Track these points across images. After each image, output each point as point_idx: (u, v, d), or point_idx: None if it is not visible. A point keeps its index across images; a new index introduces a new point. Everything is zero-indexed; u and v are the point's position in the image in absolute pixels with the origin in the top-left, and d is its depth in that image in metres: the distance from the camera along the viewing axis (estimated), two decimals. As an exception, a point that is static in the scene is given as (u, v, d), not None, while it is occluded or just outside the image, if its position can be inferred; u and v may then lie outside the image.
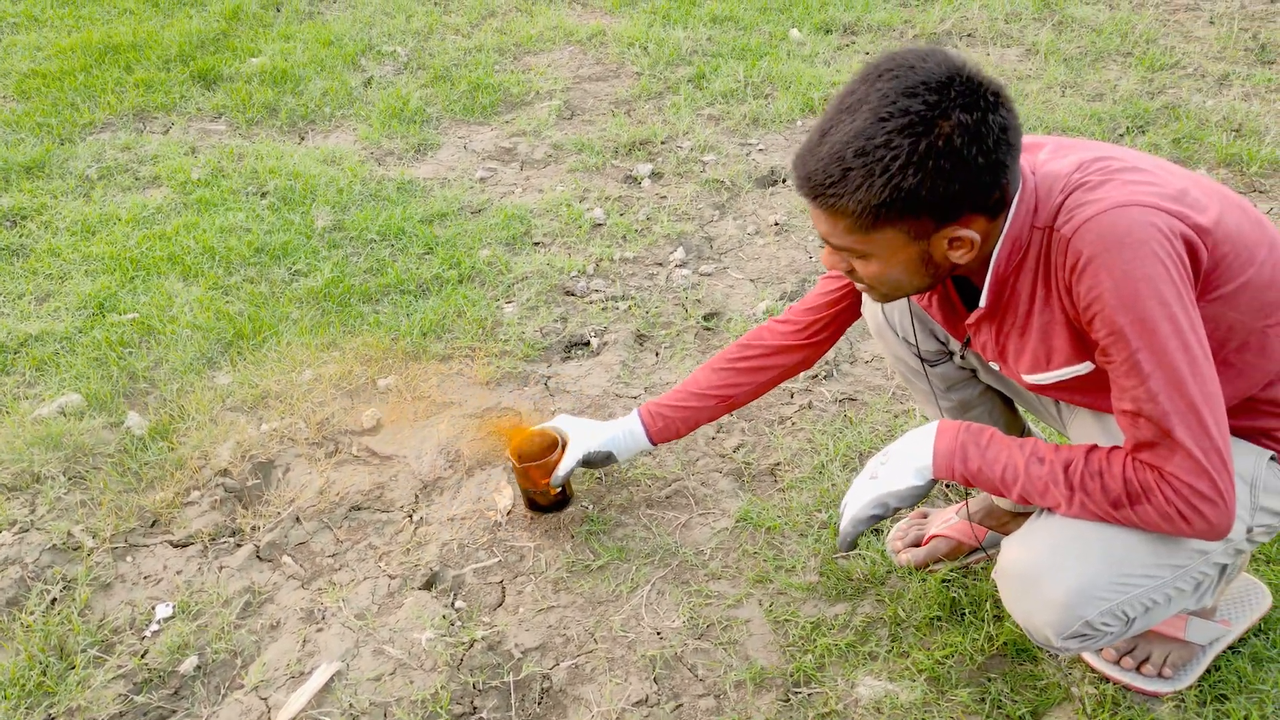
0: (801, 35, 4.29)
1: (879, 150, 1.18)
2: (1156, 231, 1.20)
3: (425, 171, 3.41)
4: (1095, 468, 1.33)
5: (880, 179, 1.18)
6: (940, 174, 1.18)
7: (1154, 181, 1.26)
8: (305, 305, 2.71)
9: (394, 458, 2.25)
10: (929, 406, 1.86)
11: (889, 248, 1.28)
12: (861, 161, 1.19)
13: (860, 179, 1.19)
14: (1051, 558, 1.36)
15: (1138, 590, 1.37)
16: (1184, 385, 1.23)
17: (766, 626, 1.84)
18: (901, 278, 1.33)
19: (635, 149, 3.50)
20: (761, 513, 2.06)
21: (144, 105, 3.84)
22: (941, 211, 1.22)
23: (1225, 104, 3.54)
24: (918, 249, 1.28)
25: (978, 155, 1.18)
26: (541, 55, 4.24)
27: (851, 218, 1.24)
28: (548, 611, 1.88)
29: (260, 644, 1.84)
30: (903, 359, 1.78)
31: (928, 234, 1.25)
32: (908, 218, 1.22)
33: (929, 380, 1.78)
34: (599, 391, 2.41)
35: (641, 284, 2.80)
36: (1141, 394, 1.24)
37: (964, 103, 1.17)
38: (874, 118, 1.18)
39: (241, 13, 4.64)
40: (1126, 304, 1.21)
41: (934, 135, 1.17)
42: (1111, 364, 1.27)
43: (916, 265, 1.31)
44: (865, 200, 1.20)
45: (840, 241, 1.29)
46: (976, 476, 1.40)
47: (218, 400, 2.39)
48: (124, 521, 2.09)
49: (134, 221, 3.09)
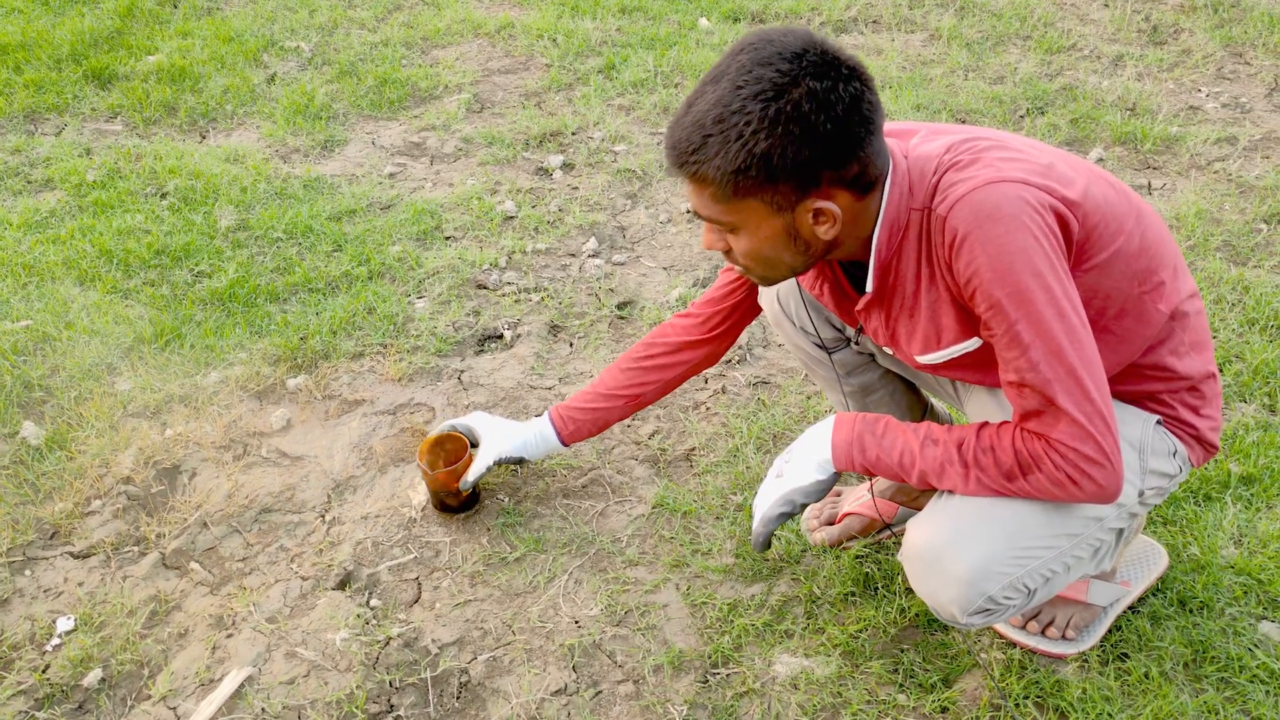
0: (710, 24, 4.31)
1: (734, 116, 1.21)
2: (1027, 205, 1.24)
3: (333, 168, 3.35)
4: (986, 443, 1.36)
5: (735, 144, 1.21)
6: (790, 138, 1.20)
7: (1021, 158, 1.30)
8: (209, 307, 2.65)
9: (305, 458, 2.21)
10: (833, 393, 1.88)
11: (754, 219, 1.29)
12: (719, 128, 1.22)
13: (718, 145, 1.22)
14: (952, 537, 1.38)
15: (1036, 562, 1.40)
16: (1063, 353, 1.26)
17: (684, 610, 1.84)
18: (772, 254, 1.35)
19: (546, 141, 3.48)
20: (677, 498, 2.07)
21: (35, 106, 3.71)
22: (797, 179, 1.24)
23: (1120, 84, 3.64)
24: (782, 222, 1.30)
25: (826, 121, 1.20)
26: (449, 49, 4.19)
27: (714, 185, 1.26)
28: (464, 606, 1.86)
29: (168, 653, 1.79)
30: (802, 347, 1.81)
31: (790, 205, 1.27)
32: (766, 186, 1.25)
33: (831, 367, 1.81)
34: (513, 384, 2.39)
35: (554, 275, 2.79)
36: (1023, 364, 1.27)
37: (815, 71, 1.20)
38: (732, 86, 1.21)
39: (136, 10, 4.50)
40: (1002, 276, 1.24)
41: (783, 100, 1.19)
42: (994, 337, 1.29)
43: (784, 240, 1.32)
44: (723, 166, 1.23)
45: (708, 212, 1.31)
46: (876, 465, 1.43)
47: (118, 406, 2.32)
48: (21, 534, 2.02)
49: (26, 226, 2.98)
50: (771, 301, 1.77)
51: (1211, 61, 3.81)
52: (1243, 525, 1.93)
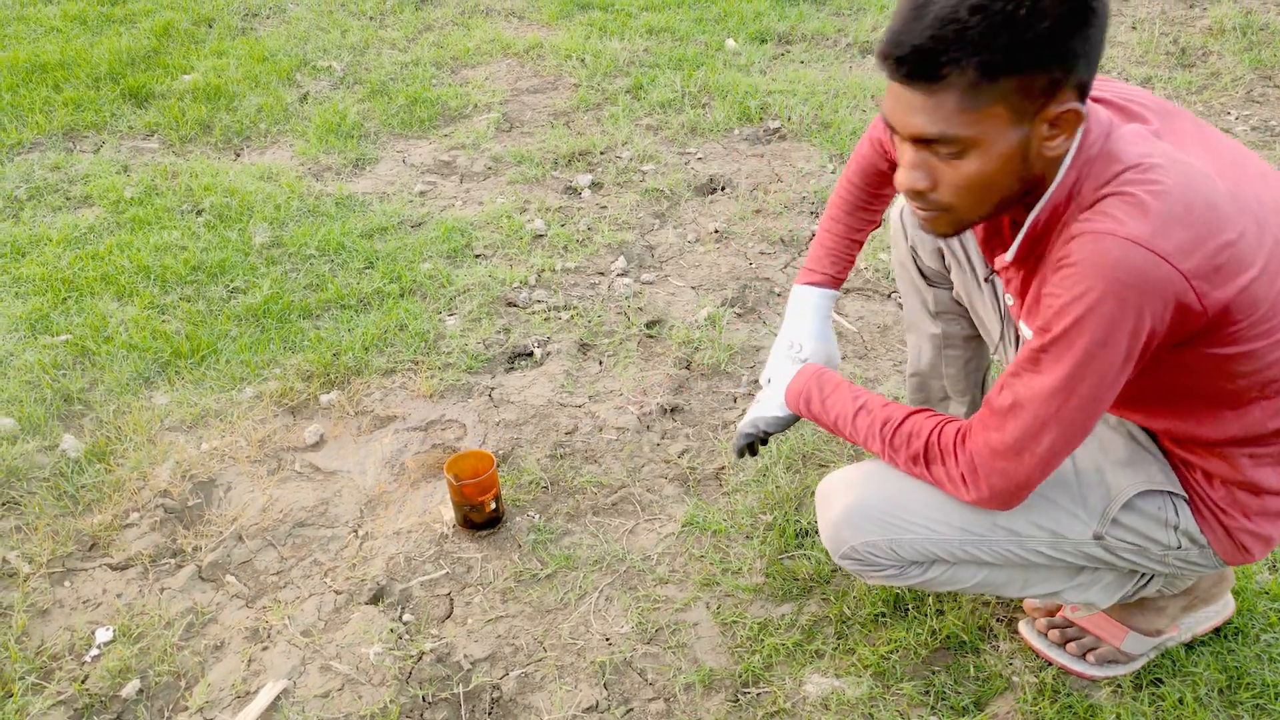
0: (737, 45, 4.34)
1: (999, 2, 1.09)
2: (1149, 287, 1.16)
3: (364, 186, 3.39)
4: (906, 430, 1.42)
5: (1004, 31, 1.10)
6: (1066, 18, 1.11)
7: (1207, 222, 1.18)
8: (244, 322, 2.68)
9: (338, 473, 2.23)
10: (917, 330, 1.91)
11: (993, 132, 1.17)
12: (979, 17, 1.10)
13: (979, 34, 1.10)
14: (841, 483, 1.51)
15: (911, 535, 1.46)
16: (1061, 409, 1.25)
17: (714, 629, 1.85)
18: (996, 179, 1.21)
19: (575, 160, 3.52)
20: (707, 517, 2.08)
21: (73, 124, 3.78)
22: (1058, 70, 1.13)
23: (1147, 107, 3.64)
24: (1019, 136, 1.18)
25: (1095, 4, 1.12)
26: (479, 68, 4.24)
27: (962, 90, 1.14)
28: (496, 621, 1.88)
29: (204, 665, 1.82)
30: (906, 268, 1.84)
31: (1033, 113, 1.16)
32: (1024, 81, 1.13)
33: (924, 300, 1.84)
34: (543, 402, 2.41)
35: (583, 294, 2.81)
36: (1026, 378, 1.27)
37: None
38: None
39: (172, 29, 4.58)
40: (1068, 320, 1.20)
41: None
42: (1029, 342, 1.28)
43: (1015, 161, 1.20)
44: (985, 59, 1.11)
45: (942, 127, 1.17)
46: (818, 418, 1.55)
47: (156, 420, 2.36)
48: (61, 546, 2.05)
49: (65, 242, 3.03)
50: (895, 216, 1.80)
51: (1240, 84, 3.81)
52: (1277, 550, 1.92)
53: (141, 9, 4.84)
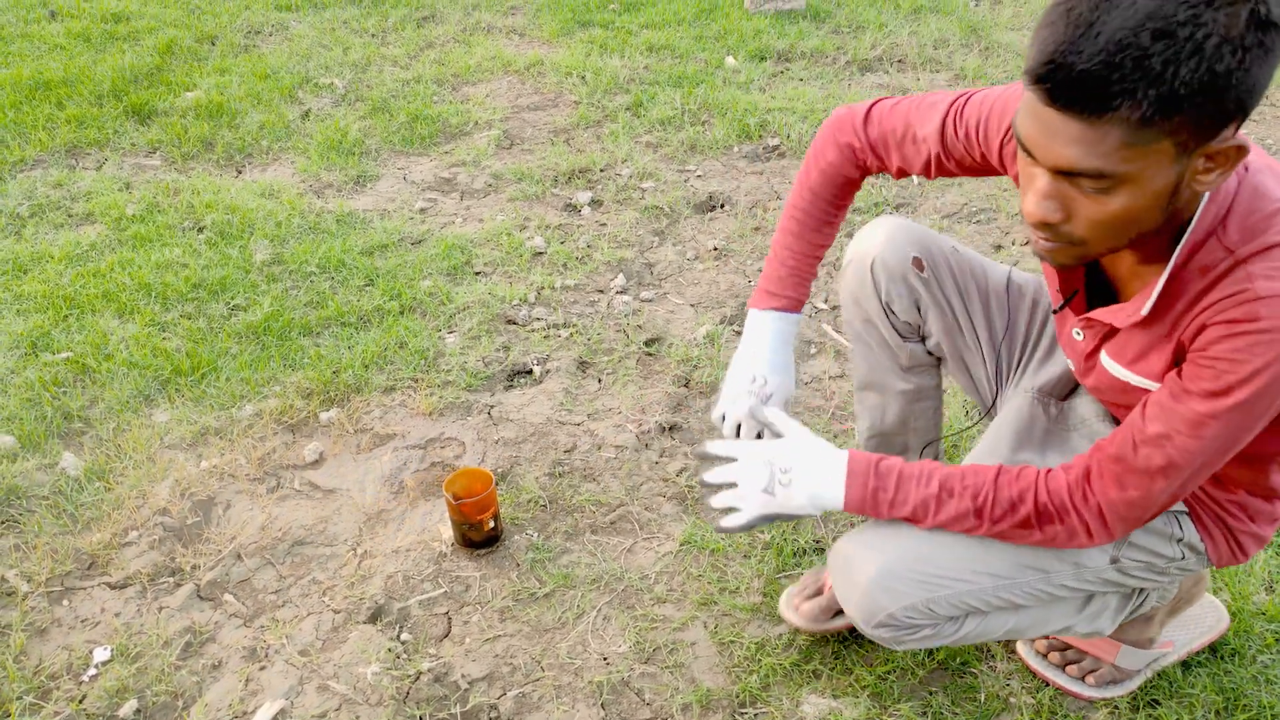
0: (737, 63, 4.36)
1: (1184, 28, 0.96)
2: None
3: (365, 203, 3.41)
4: (1006, 498, 1.33)
5: (1190, 62, 0.97)
6: (1260, 54, 0.99)
7: None
8: (244, 340, 2.69)
9: (337, 491, 2.24)
10: (880, 390, 1.76)
11: (1152, 169, 1.05)
12: (1164, 45, 0.97)
13: (1161, 65, 0.97)
14: (864, 548, 1.42)
15: (946, 591, 1.40)
16: (1218, 460, 1.21)
17: (712, 648, 1.85)
18: (1141, 215, 1.10)
19: (574, 177, 3.53)
20: (705, 536, 2.08)
21: (76, 141, 3.79)
22: (1231, 110, 1.02)
23: (1145, 125, 3.66)
24: (1176, 172, 1.06)
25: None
26: (480, 85, 4.26)
27: (1132, 125, 1.01)
28: (494, 641, 1.88)
29: (202, 684, 1.82)
30: (875, 326, 1.69)
31: (1195, 146, 1.04)
32: (1198, 117, 1.01)
33: (897, 357, 1.71)
34: (542, 419, 2.42)
35: (583, 311, 2.82)
36: (1179, 442, 1.19)
37: None
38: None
39: (175, 47, 4.61)
40: (1252, 386, 1.13)
41: (1253, 4, 0.97)
42: (1180, 404, 1.19)
43: (1165, 198, 1.09)
44: (1165, 94, 0.98)
45: (1099, 163, 1.04)
46: (891, 515, 1.41)
47: (155, 438, 2.37)
48: (60, 564, 2.05)
49: (67, 259, 3.05)
50: (863, 269, 1.63)
51: (1238, 102, 3.83)
52: (1274, 571, 1.92)
53: (145, 26, 4.87)
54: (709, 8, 4.96)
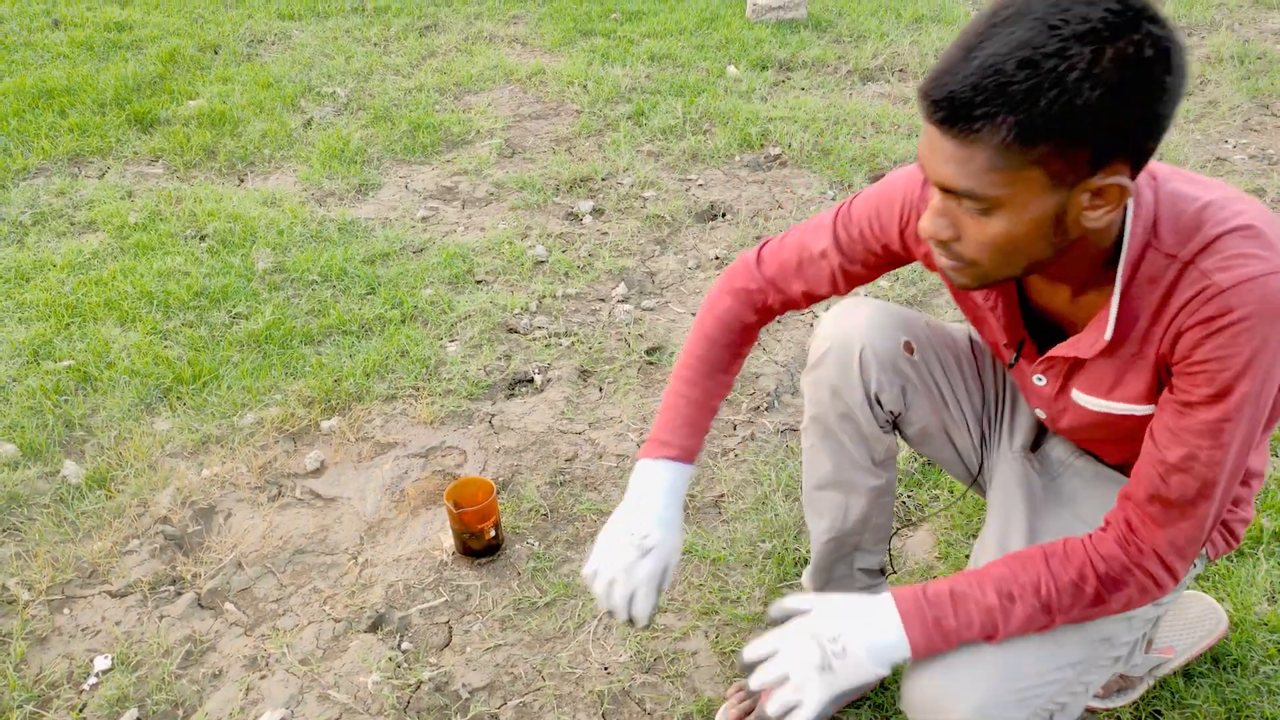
0: (738, 72, 4.37)
1: (1051, 60, 0.98)
2: None
3: (367, 212, 3.41)
4: (1066, 581, 1.25)
5: (1050, 94, 0.98)
6: (1122, 91, 0.99)
7: None
8: (246, 348, 2.69)
9: (338, 500, 2.24)
10: (847, 489, 1.62)
11: (1026, 195, 1.06)
12: (1027, 73, 0.98)
13: (1022, 94, 0.99)
14: (946, 686, 1.28)
15: (1039, 700, 1.32)
16: (1245, 455, 1.18)
17: (713, 658, 1.85)
18: (1025, 244, 1.11)
19: (576, 186, 3.54)
20: (706, 545, 2.08)
21: (79, 149, 3.80)
22: (1106, 144, 1.02)
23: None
24: (1055, 201, 1.07)
25: (1163, 74, 1.00)
26: (482, 94, 4.27)
27: (996, 149, 1.03)
28: (495, 650, 1.88)
29: (202, 694, 1.81)
30: (852, 418, 1.56)
31: (1074, 179, 1.05)
32: (1064, 149, 1.02)
33: (872, 451, 1.59)
34: (543, 428, 2.42)
35: (584, 320, 2.83)
36: (1205, 456, 1.16)
37: (1151, 16, 0.99)
38: (1043, 26, 0.99)
39: (178, 56, 4.62)
40: (1251, 376, 1.11)
41: (1122, 43, 0.98)
42: (1185, 420, 1.17)
43: (1046, 226, 1.09)
44: (1023, 121, 1.00)
45: (970, 183, 1.07)
46: (959, 643, 1.29)
47: (157, 446, 2.37)
48: (61, 573, 2.05)
49: (69, 267, 3.05)
50: (848, 358, 1.52)
51: (1238, 113, 3.83)
52: (1277, 582, 1.92)
53: (148, 35, 4.89)
54: (710, 17, 4.98)
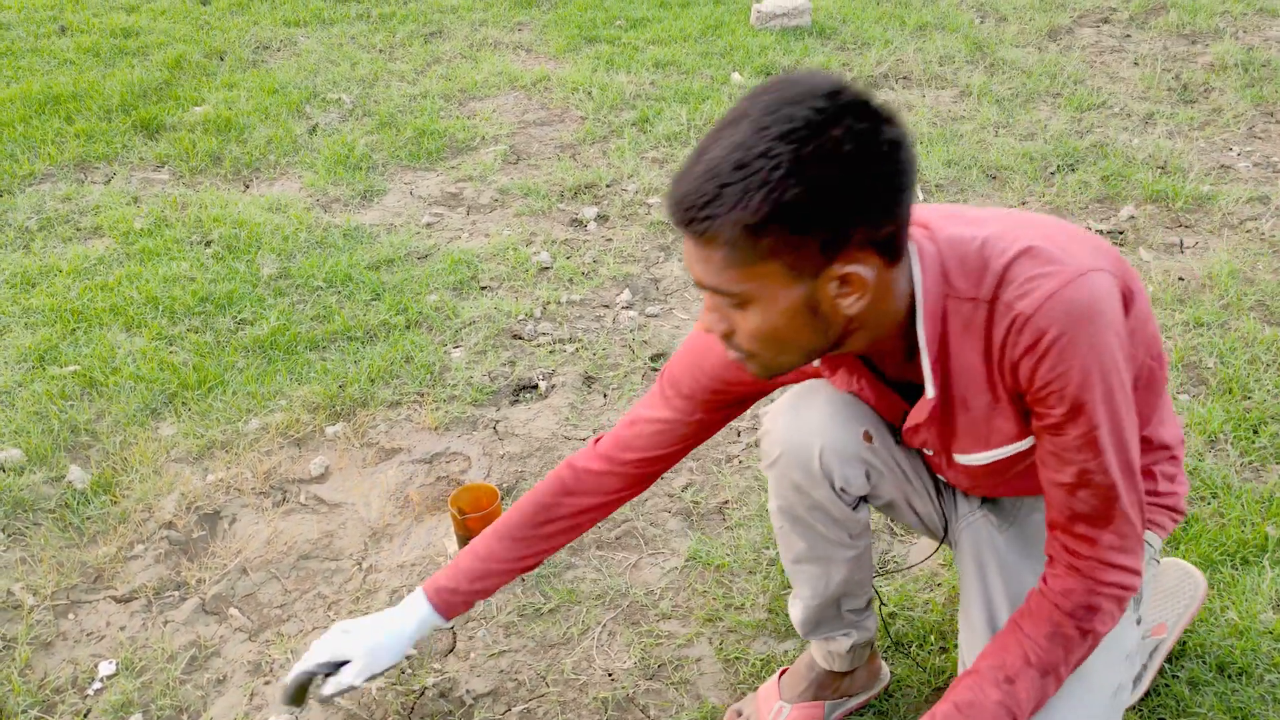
0: (743, 78, 4.38)
1: (758, 160, 1.03)
2: (1113, 299, 1.17)
3: (371, 218, 3.42)
4: (1057, 639, 1.26)
5: (759, 192, 1.03)
6: (826, 183, 1.04)
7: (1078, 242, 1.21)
8: (251, 354, 2.70)
9: (342, 505, 2.24)
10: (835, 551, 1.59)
11: (771, 288, 1.11)
12: (740, 174, 1.04)
13: (737, 194, 1.04)
14: None
15: None
16: (1127, 448, 1.21)
17: (717, 665, 1.85)
18: (788, 333, 1.16)
19: (581, 192, 3.54)
20: (711, 551, 2.08)
21: (85, 155, 3.82)
22: (827, 234, 1.07)
23: (1150, 142, 3.67)
24: (802, 291, 1.11)
25: (868, 165, 1.05)
26: (486, 101, 4.28)
27: (728, 245, 1.07)
28: (499, 656, 1.88)
29: (206, 699, 1.82)
30: (822, 509, 1.52)
31: (814, 269, 1.10)
32: (790, 243, 1.07)
33: (848, 531, 1.56)
34: (548, 434, 2.42)
35: (589, 326, 2.83)
36: (1093, 466, 1.20)
37: (855, 110, 1.05)
38: (755, 128, 1.04)
39: (184, 62, 4.64)
40: (1092, 382, 1.15)
41: (821, 139, 1.03)
42: (1060, 439, 1.20)
43: (803, 315, 1.14)
44: (742, 219, 1.05)
45: (716, 280, 1.12)
46: None
47: (162, 452, 2.37)
48: (65, 578, 2.06)
49: (75, 273, 3.06)
50: (808, 460, 1.47)
51: (1242, 120, 3.83)
52: (1281, 589, 1.92)
53: (154, 41, 4.90)
54: (715, 24, 4.99)
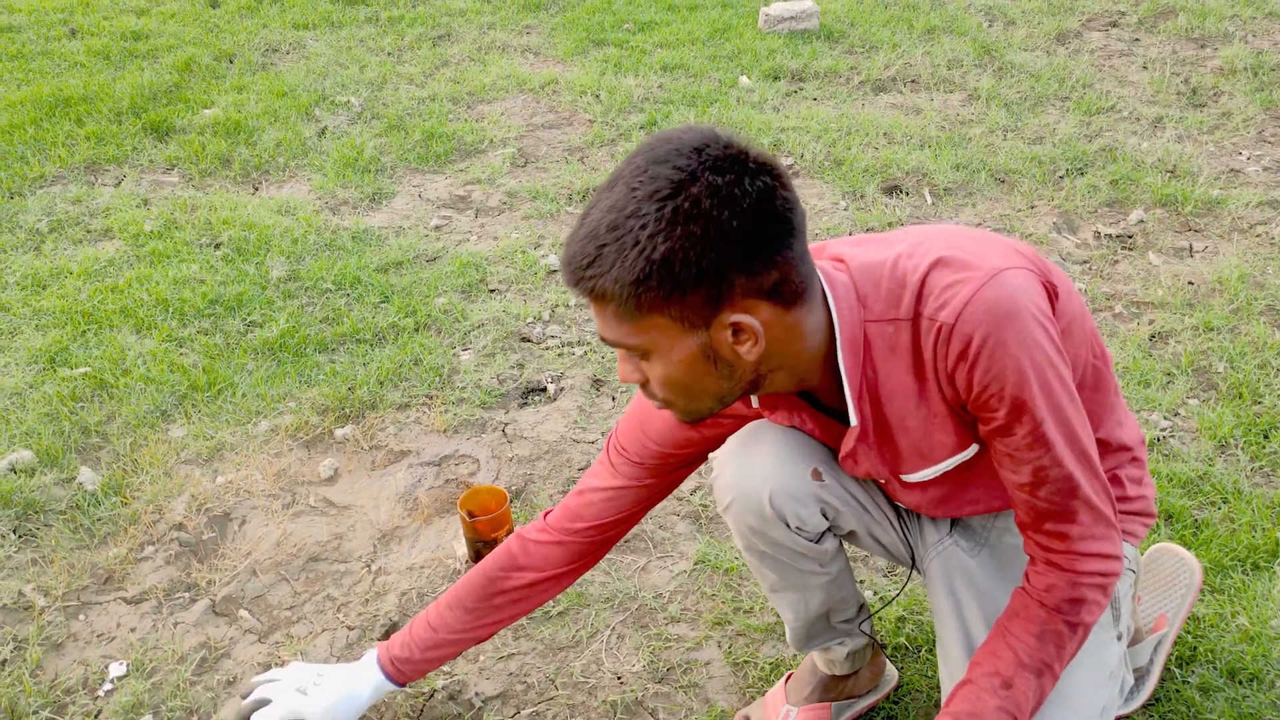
0: (750, 82, 4.38)
1: (629, 221, 1.08)
2: (1032, 292, 1.18)
3: (380, 220, 3.43)
4: (1047, 636, 1.27)
5: (632, 251, 1.08)
6: (691, 240, 1.07)
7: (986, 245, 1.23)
8: (260, 356, 2.71)
9: (352, 507, 2.25)
10: (809, 579, 1.57)
11: (665, 340, 1.15)
12: (614, 235, 1.09)
13: (614, 255, 1.09)
14: None
15: None
16: (1077, 438, 1.22)
17: (726, 668, 1.85)
18: (692, 381, 1.19)
19: (589, 195, 3.54)
20: (719, 555, 2.08)
21: (95, 158, 3.83)
22: (705, 288, 1.10)
23: (1160, 146, 3.66)
24: (697, 341, 1.15)
25: (732, 219, 1.07)
26: (495, 104, 4.29)
27: (615, 302, 1.12)
28: (508, 659, 1.88)
29: (217, 700, 1.82)
30: (785, 545, 1.51)
31: (702, 321, 1.13)
32: (672, 298, 1.10)
33: (816, 561, 1.55)
34: (556, 437, 2.42)
35: (596, 330, 2.83)
36: (1047, 461, 1.21)
37: (715, 166, 1.08)
38: (626, 190, 1.09)
39: (194, 65, 4.65)
40: (1027, 378, 1.16)
41: (680, 198, 1.07)
42: (1010, 440, 1.22)
43: (702, 363, 1.17)
44: (621, 278, 1.09)
45: (614, 335, 1.16)
46: None
47: (172, 453, 2.38)
48: (76, 579, 2.06)
49: (85, 274, 3.07)
50: (759, 506, 1.46)
51: (1252, 125, 3.83)
52: (1291, 595, 1.91)
53: (164, 44, 4.92)
54: (723, 27, 4.99)
